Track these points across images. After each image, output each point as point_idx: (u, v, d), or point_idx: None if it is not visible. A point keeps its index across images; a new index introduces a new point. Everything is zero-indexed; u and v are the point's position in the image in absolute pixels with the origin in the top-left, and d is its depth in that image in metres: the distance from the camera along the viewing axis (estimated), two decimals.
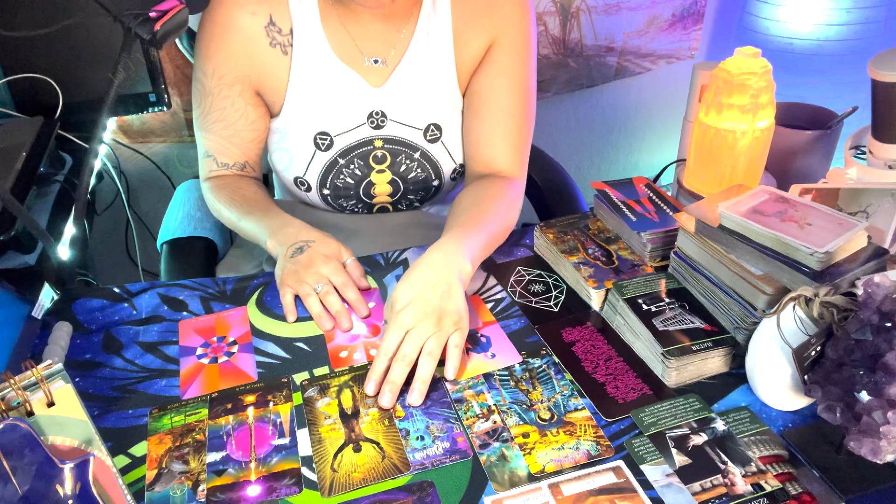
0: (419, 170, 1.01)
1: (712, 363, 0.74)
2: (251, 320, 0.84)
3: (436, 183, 1.04)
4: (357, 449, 0.67)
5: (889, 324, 0.58)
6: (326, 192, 1.02)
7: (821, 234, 0.71)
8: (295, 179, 1.01)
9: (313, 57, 0.93)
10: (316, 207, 1.07)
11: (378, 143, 0.98)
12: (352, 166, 0.99)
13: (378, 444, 0.67)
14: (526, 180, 1.01)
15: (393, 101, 0.96)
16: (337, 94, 0.94)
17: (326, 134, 0.96)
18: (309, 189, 1.02)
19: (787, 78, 1.75)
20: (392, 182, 1.02)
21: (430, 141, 0.99)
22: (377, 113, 0.96)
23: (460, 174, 1.06)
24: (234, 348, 0.79)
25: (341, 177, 1.00)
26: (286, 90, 0.94)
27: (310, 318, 0.83)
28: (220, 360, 0.78)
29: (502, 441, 0.67)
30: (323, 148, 0.97)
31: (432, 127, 0.98)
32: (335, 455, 0.66)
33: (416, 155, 1.00)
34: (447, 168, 1.03)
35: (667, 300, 0.79)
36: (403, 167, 1.00)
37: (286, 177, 1.02)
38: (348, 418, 0.70)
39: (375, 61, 0.94)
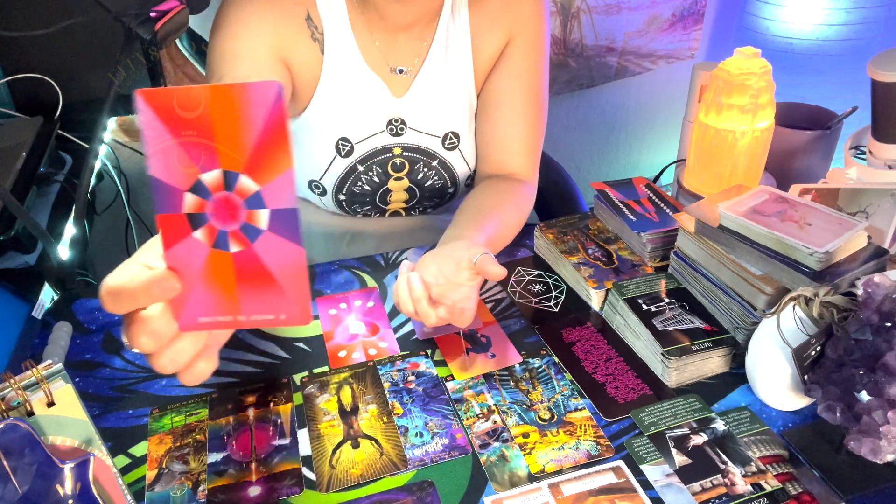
0: (436, 177, 1.00)
1: (712, 363, 0.74)
2: None
3: (451, 190, 1.03)
4: (355, 445, 0.67)
5: (889, 324, 0.58)
6: (342, 197, 1.00)
7: (821, 234, 0.71)
8: (310, 182, 0.99)
9: (344, 61, 0.91)
10: (324, 210, 1.06)
11: (397, 151, 0.97)
12: (370, 173, 0.98)
13: (376, 440, 0.67)
14: (538, 183, 0.99)
15: (413, 110, 0.95)
16: (361, 100, 0.93)
17: (348, 140, 0.94)
18: (324, 193, 1.00)
19: (787, 78, 1.75)
20: (409, 189, 1.01)
21: (448, 149, 0.98)
22: (396, 121, 0.95)
23: (474, 179, 1.05)
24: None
25: (359, 184, 0.98)
26: (315, 90, 0.92)
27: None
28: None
29: (502, 441, 0.67)
30: (343, 154, 0.95)
31: (451, 135, 0.97)
32: (333, 451, 0.66)
33: (434, 163, 0.99)
34: (463, 174, 1.02)
35: (667, 300, 0.79)
36: (421, 175, 0.99)
37: (299, 179, 1.01)
38: (347, 415, 0.70)
39: (400, 71, 0.93)
